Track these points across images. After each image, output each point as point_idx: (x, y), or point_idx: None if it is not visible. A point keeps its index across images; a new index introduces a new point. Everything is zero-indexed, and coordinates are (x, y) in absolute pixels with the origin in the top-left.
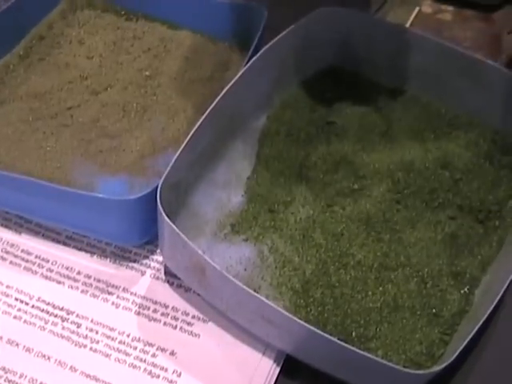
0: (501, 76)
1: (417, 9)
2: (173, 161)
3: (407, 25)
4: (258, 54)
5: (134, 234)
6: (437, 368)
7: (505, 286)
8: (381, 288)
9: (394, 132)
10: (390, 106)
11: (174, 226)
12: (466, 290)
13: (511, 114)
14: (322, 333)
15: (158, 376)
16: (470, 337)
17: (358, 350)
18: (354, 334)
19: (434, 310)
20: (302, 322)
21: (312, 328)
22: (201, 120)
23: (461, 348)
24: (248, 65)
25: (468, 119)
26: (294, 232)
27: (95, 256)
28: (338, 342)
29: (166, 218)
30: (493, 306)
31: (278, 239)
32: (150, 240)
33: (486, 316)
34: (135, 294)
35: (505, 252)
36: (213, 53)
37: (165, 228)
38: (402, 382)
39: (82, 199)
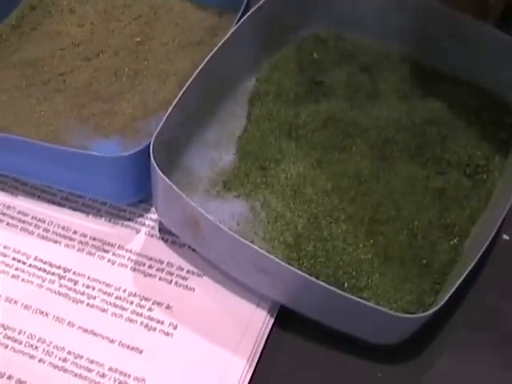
0: (487, 35)
1: None
2: (163, 119)
3: None
4: (244, 18)
5: (128, 192)
6: (426, 313)
7: (490, 237)
8: (372, 240)
9: (381, 91)
10: (376, 66)
11: (167, 180)
12: (455, 241)
13: (497, 72)
14: (315, 280)
15: (155, 329)
16: (458, 284)
17: (349, 296)
18: (346, 284)
19: (424, 261)
20: (295, 270)
21: (305, 275)
22: (189, 81)
23: (449, 295)
24: (234, 28)
25: (455, 78)
26: (285, 188)
27: (90, 215)
28: (331, 288)
29: (159, 171)
30: (479, 256)
31: (270, 195)
32: (144, 199)
33: (473, 264)
34: (130, 251)
35: (492, 204)
36: (202, 18)
37: (158, 183)
38: (393, 328)
39: (75, 158)
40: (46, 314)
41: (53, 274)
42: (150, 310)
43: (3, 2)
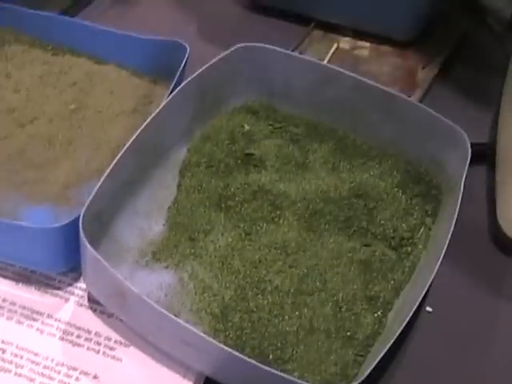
0: (413, 109)
1: (335, 45)
2: (95, 190)
3: (325, 61)
4: (179, 88)
5: (58, 261)
6: None
7: (413, 309)
8: (297, 312)
9: (310, 163)
10: (306, 138)
11: (94, 252)
12: (379, 313)
13: (422, 145)
14: (239, 354)
15: None
16: (381, 356)
17: (273, 370)
18: (271, 356)
19: (348, 333)
20: (219, 345)
21: (229, 350)
22: (122, 151)
23: (371, 367)
24: (169, 98)
25: (382, 150)
26: (213, 259)
27: (20, 283)
28: (255, 363)
29: (87, 244)
30: (402, 328)
31: (198, 266)
32: (74, 268)
33: (395, 337)
34: (59, 320)
35: (416, 276)
36: (137, 87)
37: (87, 254)
38: None
39: (6, 228)
40: None
41: None
42: (77, 379)
43: None
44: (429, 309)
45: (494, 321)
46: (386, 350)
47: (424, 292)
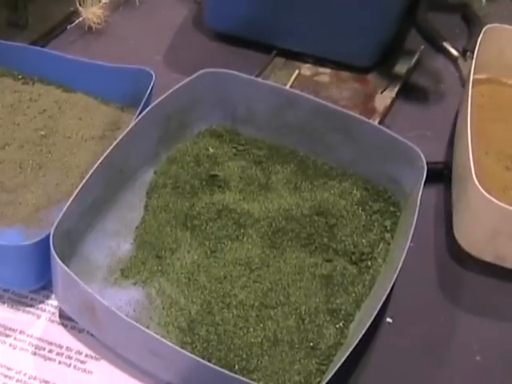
0: (371, 130)
1: (296, 72)
2: (64, 210)
3: (287, 87)
4: (143, 113)
5: (30, 279)
6: None
7: (372, 318)
8: (261, 324)
9: (272, 183)
10: (269, 159)
11: (65, 267)
12: (340, 324)
13: (380, 165)
14: (207, 363)
15: None
16: (340, 364)
17: (241, 378)
18: (236, 366)
19: (311, 344)
20: (187, 354)
21: (197, 358)
22: (90, 172)
23: (331, 375)
24: (134, 122)
25: (342, 170)
26: (180, 276)
27: None
28: (223, 371)
29: (57, 259)
30: (360, 336)
31: (165, 282)
32: (45, 286)
33: (354, 345)
34: (31, 336)
35: (377, 289)
36: (104, 113)
37: (57, 270)
38: None
39: None
40: None
41: None
42: None
43: None
44: (389, 320)
45: (451, 330)
46: (345, 357)
47: (382, 302)
